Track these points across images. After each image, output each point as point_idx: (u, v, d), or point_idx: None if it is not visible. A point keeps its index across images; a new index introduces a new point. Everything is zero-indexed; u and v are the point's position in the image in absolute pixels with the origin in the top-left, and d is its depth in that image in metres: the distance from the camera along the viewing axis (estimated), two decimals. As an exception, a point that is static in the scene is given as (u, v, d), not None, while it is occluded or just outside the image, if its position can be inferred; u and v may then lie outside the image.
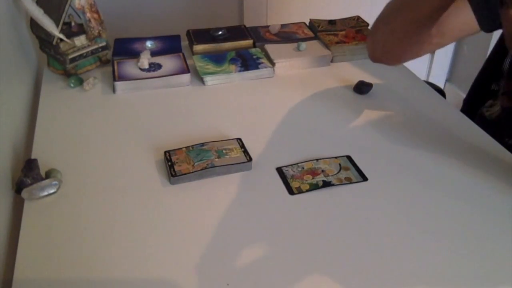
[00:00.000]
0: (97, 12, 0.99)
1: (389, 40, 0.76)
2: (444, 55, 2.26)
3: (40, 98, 0.93)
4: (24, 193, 0.67)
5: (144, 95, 0.95)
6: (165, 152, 0.75)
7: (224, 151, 0.74)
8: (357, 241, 0.62)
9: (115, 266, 0.58)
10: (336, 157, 0.77)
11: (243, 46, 1.11)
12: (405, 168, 0.75)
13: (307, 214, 0.66)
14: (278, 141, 0.81)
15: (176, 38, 1.13)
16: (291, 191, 0.69)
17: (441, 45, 0.76)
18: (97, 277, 0.56)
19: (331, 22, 1.19)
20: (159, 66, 1.01)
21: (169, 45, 1.10)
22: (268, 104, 0.92)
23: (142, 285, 0.55)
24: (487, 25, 0.65)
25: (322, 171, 0.73)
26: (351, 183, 0.71)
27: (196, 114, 0.89)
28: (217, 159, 0.73)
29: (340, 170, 0.74)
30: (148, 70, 0.99)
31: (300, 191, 0.69)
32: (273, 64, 1.03)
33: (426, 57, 2.27)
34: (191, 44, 1.11)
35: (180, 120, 0.87)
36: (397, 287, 0.55)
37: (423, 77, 2.34)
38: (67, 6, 0.93)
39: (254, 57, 1.04)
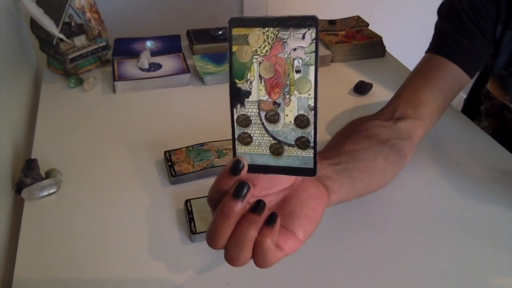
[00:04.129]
0: (97, 12, 0.99)
1: None
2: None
3: (40, 98, 0.93)
4: (24, 193, 0.67)
5: (144, 95, 0.95)
6: (165, 152, 0.75)
7: (224, 151, 0.74)
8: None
9: (115, 266, 0.58)
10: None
11: (243, 46, 1.11)
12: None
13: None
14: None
15: (176, 38, 1.13)
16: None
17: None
18: (97, 277, 0.56)
19: (331, 22, 1.19)
20: (159, 66, 1.01)
21: (169, 45, 1.10)
22: (268, 104, 0.92)
23: (142, 285, 0.55)
24: (473, 69, 0.71)
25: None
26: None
27: (196, 114, 0.89)
28: (217, 159, 0.73)
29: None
30: (148, 70, 0.99)
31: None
32: (273, 64, 1.03)
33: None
34: (191, 44, 1.11)
35: (180, 120, 0.87)
36: None
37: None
38: (67, 6, 0.93)
39: (254, 57, 1.04)
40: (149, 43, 1.10)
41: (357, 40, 1.11)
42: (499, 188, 0.70)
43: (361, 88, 0.96)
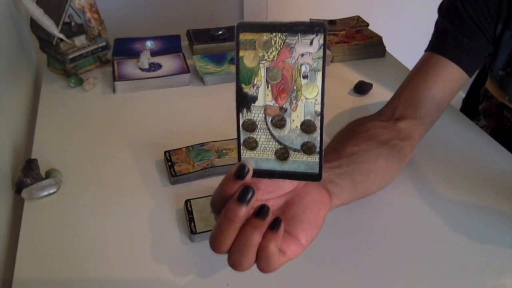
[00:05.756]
0: (97, 12, 0.99)
1: None
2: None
3: (40, 98, 0.93)
4: (24, 193, 0.67)
5: (144, 95, 0.95)
6: (165, 152, 0.75)
7: (224, 151, 0.74)
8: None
9: (115, 266, 0.58)
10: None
11: (243, 46, 1.11)
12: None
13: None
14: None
15: (176, 38, 1.13)
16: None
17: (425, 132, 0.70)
18: (97, 277, 0.56)
19: (331, 22, 1.19)
20: (159, 66, 1.01)
21: (169, 45, 1.10)
22: (268, 104, 0.92)
23: (142, 285, 0.55)
24: (472, 68, 0.71)
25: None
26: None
27: (196, 114, 0.89)
28: (217, 159, 0.73)
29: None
30: (148, 70, 0.99)
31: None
32: (273, 64, 1.03)
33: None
34: (191, 44, 1.11)
35: (180, 120, 0.87)
36: None
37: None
38: (67, 6, 0.93)
39: (254, 57, 1.04)
40: (149, 43, 1.10)
41: (357, 40, 1.11)
42: (498, 188, 0.70)
43: (361, 88, 0.96)
